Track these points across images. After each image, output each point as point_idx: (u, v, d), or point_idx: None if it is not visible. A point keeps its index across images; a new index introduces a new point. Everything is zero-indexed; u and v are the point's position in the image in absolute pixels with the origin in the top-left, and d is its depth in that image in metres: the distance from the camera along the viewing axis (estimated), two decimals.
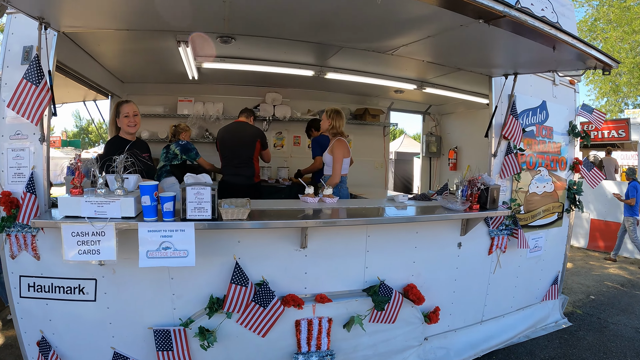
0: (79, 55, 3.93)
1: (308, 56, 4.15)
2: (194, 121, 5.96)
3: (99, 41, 3.68)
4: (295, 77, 4.87)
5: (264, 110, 6.19)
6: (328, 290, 3.11)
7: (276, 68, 4.39)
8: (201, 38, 3.43)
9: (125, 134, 3.35)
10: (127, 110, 3.30)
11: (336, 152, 3.92)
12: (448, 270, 3.68)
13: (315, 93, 6.36)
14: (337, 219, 2.85)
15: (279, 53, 4.06)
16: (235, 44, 3.69)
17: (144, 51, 4.12)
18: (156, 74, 5.31)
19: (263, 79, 5.63)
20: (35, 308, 2.78)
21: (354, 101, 6.81)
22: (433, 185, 7.41)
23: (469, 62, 3.65)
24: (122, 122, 3.30)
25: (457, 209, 3.29)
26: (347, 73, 4.58)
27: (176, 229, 2.41)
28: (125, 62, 4.66)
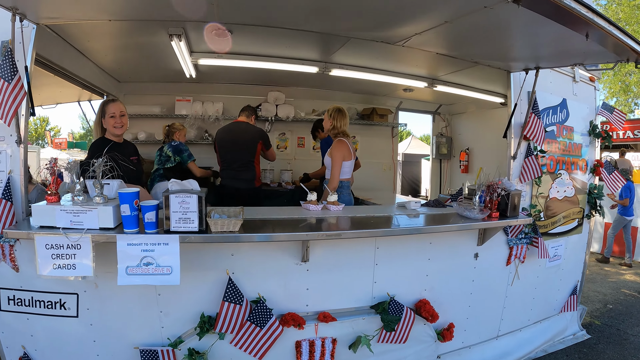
0: (70, 53, 3.66)
1: (311, 51, 3.84)
2: (192, 122, 5.64)
3: (87, 37, 3.39)
4: (298, 74, 4.52)
5: (266, 110, 5.86)
6: (332, 307, 2.79)
7: (277, 64, 4.07)
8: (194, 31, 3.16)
9: (111, 136, 3.06)
10: (113, 110, 3.00)
11: (335, 153, 3.55)
12: (463, 283, 3.35)
13: (320, 92, 6.01)
14: (342, 231, 2.51)
15: (279, 48, 3.74)
16: (233, 39, 3.36)
17: (136, 47, 3.84)
18: (152, 73, 5.00)
19: (265, 77, 5.30)
20: (15, 322, 2.56)
21: (360, 100, 6.44)
22: (443, 188, 7.03)
23: (487, 54, 3.29)
24: (108, 123, 3.01)
25: (475, 217, 2.95)
26: (353, 70, 4.24)
27: (158, 242, 2.11)
28: (118, 60, 4.38)
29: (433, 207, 3.46)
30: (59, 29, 3.17)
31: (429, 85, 4.64)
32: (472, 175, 6.33)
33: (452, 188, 6.47)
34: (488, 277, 3.48)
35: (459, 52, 3.41)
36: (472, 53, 3.36)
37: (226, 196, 4.17)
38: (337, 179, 3.51)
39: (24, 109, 2.49)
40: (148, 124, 5.62)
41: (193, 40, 3.57)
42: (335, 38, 3.33)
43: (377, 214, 3.10)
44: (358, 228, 2.70)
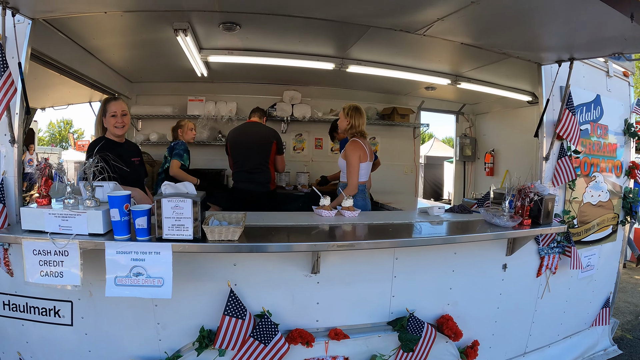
0: (76, 52, 3.56)
1: (326, 46, 3.58)
2: (204, 122, 5.43)
3: (92, 34, 3.25)
4: (314, 72, 4.28)
5: (281, 109, 5.59)
6: (345, 323, 2.51)
7: (291, 60, 3.83)
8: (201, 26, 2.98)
9: (112, 135, 2.88)
10: (115, 109, 2.82)
11: (350, 155, 3.26)
12: (490, 296, 3.02)
13: (338, 91, 5.72)
14: (355, 241, 2.23)
15: (292, 43, 3.50)
16: (241, 33, 3.18)
17: (143, 45, 3.68)
18: (164, 72, 4.84)
19: (279, 75, 5.07)
20: (11, 328, 2.44)
21: (381, 100, 6.11)
22: (467, 191, 6.63)
23: (516, 43, 2.96)
24: (109, 122, 2.84)
25: (505, 225, 2.63)
26: (372, 66, 3.95)
27: (149, 250, 1.88)
28: (128, 59, 4.24)
29: (458, 213, 3.15)
30: (63, 27, 3.06)
31: (452, 83, 4.31)
32: (498, 179, 5.94)
33: (477, 192, 6.08)
34: (517, 290, 3.15)
35: (485, 42, 3.07)
36: (500, 42, 3.02)
37: (239, 200, 3.93)
38: (355, 183, 3.24)
39: (17, 107, 2.35)
40: (160, 124, 5.48)
41: (201, 36, 3.37)
42: (350, 29, 3.05)
43: (397, 220, 2.80)
44: (375, 237, 2.43)
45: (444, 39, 2.98)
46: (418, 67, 4.09)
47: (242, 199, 3.91)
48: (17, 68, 2.29)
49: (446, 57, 3.76)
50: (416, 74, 4.17)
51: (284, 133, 5.82)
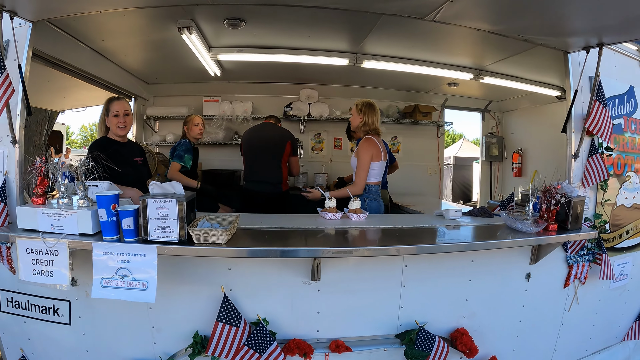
0: (87, 54, 3.58)
1: (338, 40, 3.43)
2: (219, 122, 5.34)
3: (101, 36, 3.25)
4: (330, 69, 4.13)
5: (298, 109, 5.42)
6: (347, 335, 2.35)
7: (302, 57, 3.70)
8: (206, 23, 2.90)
9: (114, 135, 2.84)
10: (117, 109, 2.78)
11: (362, 153, 3.07)
12: (511, 309, 2.76)
13: (356, 89, 5.51)
14: (353, 248, 2.04)
15: (302, 38, 3.36)
16: (248, 29, 3.08)
17: (154, 46, 3.66)
18: (179, 73, 4.80)
19: (295, 74, 4.91)
20: (14, 325, 2.46)
21: (402, 98, 5.84)
22: (494, 193, 6.28)
23: (538, 28, 2.68)
24: (111, 122, 2.79)
25: (528, 230, 2.37)
26: (388, 60, 3.76)
27: (135, 252, 1.80)
28: (142, 61, 4.23)
29: (477, 217, 2.90)
30: (71, 29, 3.08)
31: (474, 77, 4.04)
32: (526, 179, 5.58)
33: (504, 193, 5.74)
34: (541, 302, 2.88)
35: (504, 27, 2.81)
36: (520, 27, 2.74)
37: (250, 201, 3.82)
38: (362, 183, 3.06)
39: (19, 108, 2.37)
40: (176, 125, 5.41)
41: (208, 35, 3.31)
42: (361, 20, 2.88)
43: (407, 224, 2.60)
44: (380, 242, 2.25)
45: (458, 25, 2.75)
46: (437, 61, 3.86)
47: (253, 200, 3.81)
48: (17, 70, 2.31)
49: (466, 49, 3.52)
50: (435, 69, 3.94)
51: (302, 133, 5.67)
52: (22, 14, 2.30)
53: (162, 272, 2.06)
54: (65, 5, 2.41)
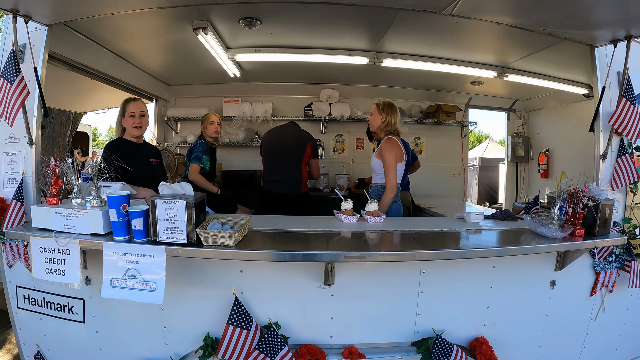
0: (107, 57, 3.63)
1: (356, 39, 3.34)
2: (240, 123, 5.32)
3: (119, 39, 3.29)
4: (350, 69, 4.05)
5: (318, 109, 5.34)
6: (361, 341, 2.27)
7: (321, 56, 3.63)
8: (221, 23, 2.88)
9: (129, 136, 2.85)
10: (133, 109, 2.78)
11: (387, 154, 2.97)
12: (535, 318, 2.62)
13: (378, 89, 5.40)
14: (367, 253, 1.94)
15: (319, 37, 3.30)
16: (264, 29, 3.04)
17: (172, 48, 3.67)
18: (199, 75, 4.80)
19: (315, 74, 4.84)
20: (30, 321, 2.51)
21: (424, 97, 5.71)
22: (519, 195, 6.05)
23: (562, 20, 2.54)
24: (127, 123, 2.80)
25: (554, 235, 2.23)
26: (408, 59, 3.65)
27: (144, 253, 1.78)
28: (161, 63, 4.25)
29: (500, 220, 2.77)
30: (90, 33, 3.12)
31: (498, 75, 3.88)
32: (553, 181, 5.35)
33: (529, 195, 5.51)
34: (566, 310, 2.73)
35: (525, 20, 2.66)
36: (542, 19, 2.60)
37: (268, 202, 3.77)
38: (394, 186, 2.97)
39: (35, 110, 2.41)
40: (197, 126, 5.28)
41: (225, 35, 3.29)
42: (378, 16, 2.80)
43: (426, 228, 2.48)
44: (396, 246, 2.15)
45: (477, 19, 2.62)
46: (459, 59, 3.73)
47: (271, 201, 3.75)
48: (32, 73, 2.36)
49: (488, 45, 3.39)
50: (457, 66, 3.81)
51: (323, 133, 5.61)
52: (37, 18, 2.34)
53: (174, 273, 2.05)
54: (78, 8, 2.44)
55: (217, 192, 3.70)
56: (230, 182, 5.04)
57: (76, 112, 5.70)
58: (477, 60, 3.77)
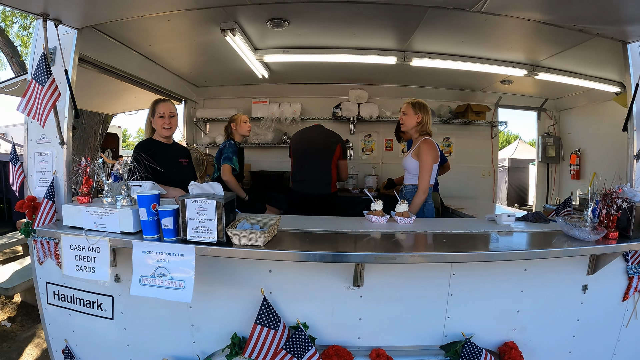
0: (136, 59, 3.69)
1: (384, 38, 3.29)
2: (268, 124, 5.33)
3: (148, 41, 3.32)
4: (378, 69, 4.02)
5: (347, 109, 5.30)
6: (389, 344, 2.21)
7: (349, 56, 3.59)
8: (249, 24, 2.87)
9: (159, 137, 2.85)
10: (163, 110, 2.78)
11: (424, 155, 2.92)
12: (565, 323, 2.51)
13: (407, 89, 5.30)
14: (398, 254, 1.88)
15: (347, 37, 3.26)
16: (292, 29, 3.03)
17: (200, 50, 3.70)
18: (227, 76, 4.82)
19: (343, 74, 4.81)
20: (59, 317, 2.56)
21: (453, 97, 5.59)
22: (550, 197, 5.86)
23: (593, 15, 2.46)
24: (157, 123, 2.80)
25: (586, 238, 2.15)
26: (437, 58, 3.58)
27: (173, 252, 1.78)
28: (189, 65, 4.29)
29: (532, 222, 2.68)
30: (119, 36, 3.17)
31: (528, 73, 3.78)
32: (585, 182, 5.19)
33: (560, 197, 5.35)
34: (598, 316, 2.61)
35: (557, 16, 2.58)
36: (573, 15, 2.53)
37: (297, 202, 3.75)
38: (427, 187, 2.92)
39: (66, 111, 2.47)
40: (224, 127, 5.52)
41: (253, 36, 3.29)
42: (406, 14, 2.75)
43: (457, 230, 2.42)
44: (427, 248, 2.11)
45: (507, 15, 2.56)
46: (488, 57, 3.65)
47: (300, 201, 3.73)
48: (63, 75, 2.41)
49: (518, 43, 3.29)
50: (487, 65, 3.72)
51: (352, 134, 5.58)
52: (67, 21, 2.38)
53: (202, 272, 2.04)
54: (107, 11, 2.47)
55: (245, 198, 3.66)
56: (259, 182, 5.05)
57: (106, 113, 5.81)
58: (507, 59, 3.68)
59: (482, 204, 4.77)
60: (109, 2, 2.32)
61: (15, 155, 2.63)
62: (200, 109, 5.56)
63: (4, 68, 8.81)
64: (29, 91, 2.23)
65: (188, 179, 2.86)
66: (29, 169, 2.62)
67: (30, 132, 2.60)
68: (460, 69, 3.78)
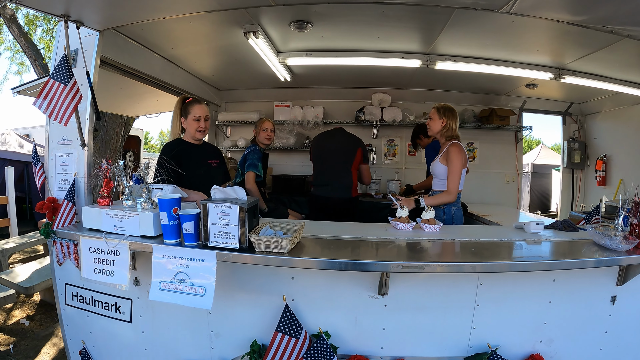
0: (158, 62, 3.67)
1: (409, 41, 3.20)
2: (290, 127, 5.25)
3: (170, 44, 3.28)
4: (402, 72, 3.94)
5: (370, 113, 5.19)
6: (413, 354, 2.12)
7: (372, 59, 3.50)
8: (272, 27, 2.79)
9: (190, 138, 2.68)
10: (199, 113, 2.59)
11: (454, 160, 2.82)
12: (593, 335, 2.37)
13: (430, 92, 5.21)
14: (425, 263, 1.77)
15: (371, 40, 3.18)
16: (315, 32, 2.96)
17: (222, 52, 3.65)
18: (249, 79, 4.77)
19: (366, 78, 4.71)
20: (78, 318, 2.52)
21: (477, 101, 5.44)
22: (575, 204, 5.66)
23: (624, 15, 2.33)
24: (190, 125, 2.61)
25: (618, 248, 2.02)
26: (462, 61, 3.48)
27: (194, 257, 1.71)
28: (211, 68, 4.25)
29: (560, 231, 2.55)
30: (142, 39, 3.14)
31: (555, 77, 3.64)
32: (611, 189, 5.00)
33: (587, 204, 5.15)
34: (626, 328, 2.45)
35: (587, 17, 2.46)
36: (604, 16, 2.40)
37: (318, 207, 3.67)
38: (456, 191, 2.84)
39: (88, 113, 2.42)
40: (247, 131, 5.40)
41: (275, 39, 3.23)
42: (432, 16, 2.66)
43: (485, 238, 2.30)
44: (455, 257, 1.99)
45: (536, 16, 2.44)
46: (514, 60, 3.52)
47: (321, 206, 3.65)
48: (85, 77, 2.37)
49: (544, 46, 3.17)
50: (512, 68, 3.60)
51: (375, 138, 5.48)
52: (88, 23, 2.35)
53: (223, 277, 2.00)
54: (129, 13, 2.42)
55: (265, 209, 3.50)
56: (281, 186, 4.97)
57: (128, 116, 5.79)
58: (533, 62, 3.56)
59: (507, 211, 4.63)
60: (131, 4, 2.27)
61: (37, 156, 2.59)
62: (222, 112, 5.53)
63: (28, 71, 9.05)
64: (47, 91, 2.17)
65: (217, 181, 2.73)
66: (49, 170, 2.58)
67: (52, 134, 2.56)
68: (485, 72, 3.67)
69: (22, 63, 9.15)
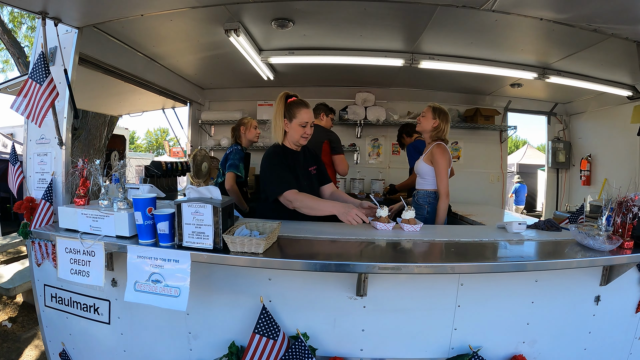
0: (140, 60, 3.64)
1: (392, 39, 3.20)
2: None
3: (152, 42, 3.25)
4: (386, 71, 3.94)
5: (354, 112, 5.21)
6: (393, 356, 2.11)
7: (356, 58, 3.49)
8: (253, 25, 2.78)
9: (291, 143, 2.53)
10: (307, 119, 2.43)
11: (439, 159, 2.86)
12: (577, 335, 2.38)
13: (415, 92, 5.24)
14: (403, 264, 1.75)
15: (354, 39, 3.17)
16: (297, 30, 2.95)
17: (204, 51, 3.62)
18: (233, 78, 4.76)
19: (350, 76, 4.73)
20: (57, 319, 2.49)
21: (462, 100, 5.49)
22: (560, 203, 5.71)
23: (607, 14, 2.34)
24: (295, 131, 2.44)
25: (601, 248, 2.02)
26: (445, 60, 3.48)
27: (168, 258, 1.69)
28: (194, 66, 4.23)
29: (543, 231, 2.56)
30: (122, 36, 3.10)
31: (539, 77, 3.66)
32: (595, 188, 5.06)
33: (571, 204, 5.19)
34: (610, 328, 2.48)
35: (571, 14, 2.47)
36: (588, 14, 2.41)
37: None
38: (447, 189, 2.87)
39: (65, 111, 2.40)
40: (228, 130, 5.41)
41: (257, 37, 3.22)
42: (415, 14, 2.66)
43: (466, 238, 2.29)
44: (434, 257, 1.99)
45: (519, 14, 2.45)
46: (498, 60, 3.54)
47: None
48: (62, 74, 2.34)
49: (529, 45, 3.19)
50: (497, 68, 3.62)
51: (359, 138, 5.49)
52: (67, 20, 2.33)
53: (201, 278, 1.98)
54: (108, 10, 2.41)
55: (246, 209, 3.50)
56: None
57: (111, 115, 5.75)
58: (517, 61, 3.58)
59: (491, 210, 4.64)
60: (109, 0, 2.25)
61: (15, 155, 2.56)
62: (205, 111, 5.51)
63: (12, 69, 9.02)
64: (26, 90, 2.16)
65: (315, 189, 2.59)
66: (28, 169, 2.56)
67: (30, 132, 2.54)
68: (469, 71, 3.68)
69: (7, 61, 9.14)
